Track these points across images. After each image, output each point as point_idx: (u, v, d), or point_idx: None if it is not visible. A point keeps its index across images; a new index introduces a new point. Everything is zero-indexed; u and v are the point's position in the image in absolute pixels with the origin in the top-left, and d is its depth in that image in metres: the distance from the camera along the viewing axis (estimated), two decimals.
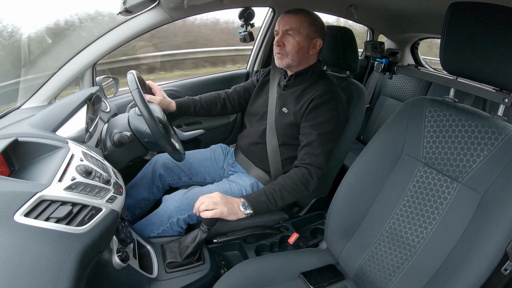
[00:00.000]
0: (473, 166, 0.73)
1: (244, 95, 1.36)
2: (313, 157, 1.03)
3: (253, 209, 0.94)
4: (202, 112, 1.32)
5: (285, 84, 1.19)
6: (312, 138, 1.05)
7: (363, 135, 2.27)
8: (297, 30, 1.07)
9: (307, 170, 1.02)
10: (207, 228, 0.92)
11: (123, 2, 1.09)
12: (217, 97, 1.34)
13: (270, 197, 0.97)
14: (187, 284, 0.91)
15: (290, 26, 1.07)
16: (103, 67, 1.74)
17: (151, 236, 1.08)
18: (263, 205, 0.96)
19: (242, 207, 0.93)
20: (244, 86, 1.38)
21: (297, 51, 1.09)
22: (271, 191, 0.98)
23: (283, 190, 0.98)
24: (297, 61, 1.12)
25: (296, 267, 0.90)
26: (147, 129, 0.93)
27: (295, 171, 1.03)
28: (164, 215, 1.08)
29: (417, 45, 2.22)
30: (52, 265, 0.49)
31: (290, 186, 0.99)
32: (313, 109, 1.07)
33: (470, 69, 0.73)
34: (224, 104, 1.35)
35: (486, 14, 0.66)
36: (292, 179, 1.01)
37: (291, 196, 1.00)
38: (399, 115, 0.90)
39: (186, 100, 1.29)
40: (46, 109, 0.90)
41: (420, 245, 0.78)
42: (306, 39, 1.09)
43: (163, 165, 1.28)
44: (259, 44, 1.78)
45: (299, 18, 1.07)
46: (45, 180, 0.62)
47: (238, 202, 0.94)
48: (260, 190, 0.99)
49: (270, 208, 0.97)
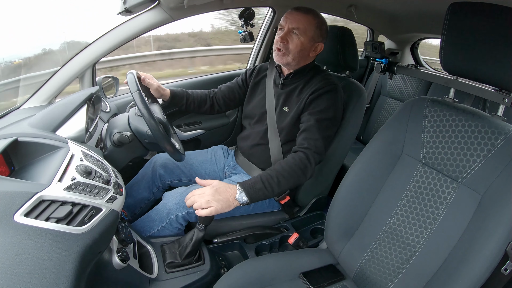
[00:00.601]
0: (473, 166, 0.73)
1: (229, 94, 1.35)
2: (312, 142, 1.02)
3: (248, 196, 0.90)
4: (192, 107, 1.30)
5: (282, 82, 1.19)
6: (310, 123, 1.05)
7: (363, 135, 2.27)
8: (303, 31, 1.06)
9: (305, 154, 1.00)
10: (203, 226, 0.91)
11: (123, 2, 1.09)
12: (207, 95, 1.33)
13: (267, 184, 0.93)
14: (187, 284, 0.91)
15: (297, 25, 1.06)
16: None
17: (151, 232, 1.08)
18: (260, 192, 0.92)
19: (238, 196, 0.90)
20: (229, 86, 1.36)
21: (299, 51, 1.09)
22: (267, 178, 0.94)
23: (280, 176, 0.95)
24: (297, 61, 1.12)
25: (296, 267, 0.90)
26: (147, 130, 0.93)
27: (292, 155, 1.01)
28: (163, 212, 1.08)
29: (417, 45, 2.22)
30: (52, 265, 0.49)
31: (287, 171, 0.97)
32: (313, 100, 1.08)
33: (470, 69, 0.73)
34: (212, 103, 1.34)
35: (486, 14, 0.66)
36: (289, 164, 0.98)
37: (288, 182, 0.96)
38: (399, 115, 0.90)
39: (181, 91, 1.28)
40: (46, 109, 0.90)
41: (420, 245, 0.78)
42: (310, 41, 1.09)
43: (163, 165, 1.27)
44: (259, 44, 1.78)
45: (308, 19, 1.07)
46: (45, 180, 0.62)
47: (233, 192, 0.90)
48: (256, 177, 0.95)
49: (266, 196, 0.94)
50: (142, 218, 1.13)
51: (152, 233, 1.09)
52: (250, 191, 0.91)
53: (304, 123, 1.07)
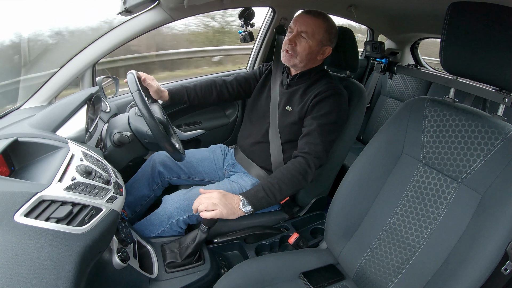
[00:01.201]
0: (473, 166, 0.73)
1: (244, 85, 1.35)
2: (312, 146, 1.02)
3: (252, 206, 0.92)
4: (197, 100, 1.29)
5: (288, 83, 1.19)
6: (312, 128, 1.04)
7: (363, 135, 2.27)
8: (312, 34, 1.07)
9: (305, 159, 1.01)
10: (207, 228, 0.92)
11: (123, 2, 1.09)
12: (213, 84, 1.32)
13: (269, 192, 0.94)
14: (187, 284, 0.91)
15: (306, 29, 1.07)
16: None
17: (151, 236, 1.08)
18: (263, 200, 0.94)
19: (242, 206, 0.91)
20: (245, 77, 1.36)
21: (306, 54, 1.09)
22: (269, 186, 0.95)
23: (281, 183, 0.96)
24: (305, 63, 1.12)
25: (296, 267, 0.90)
26: (148, 130, 0.93)
27: (292, 161, 1.02)
28: (164, 216, 1.08)
29: (417, 45, 2.21)
30: (52, 265, 0.49)
31: (287, 178, 0.97)
32: (316, 103, 1.07)
33: (470, 69, 0.73)
34: (221, 91, 1.32)
35: (486, 14, 0.66)
36: (289, 170, 0.99)
37: (289, 188, 0.98)
38: (399, 115, 0.90)
39: (179, 88, 1.26)
40: (46, 109, 0.90)
41: (420, 245, 0.78)
42: (318, 45, 1.09)
43: (162, 162, 1.28)
44: (259, 44, 1.77)
45: (317, 23, 1.07)
46: (45, 180, 0.62)
47: (237, 201, 0.92)
48: (258, 186, 0.96)
49: (269, 203, 0.95)
50: (141, 221, 1.13)
51: (152, 237, 1.08)
52: (254, 200, 0.92)
53: (307, 127, 1.07)
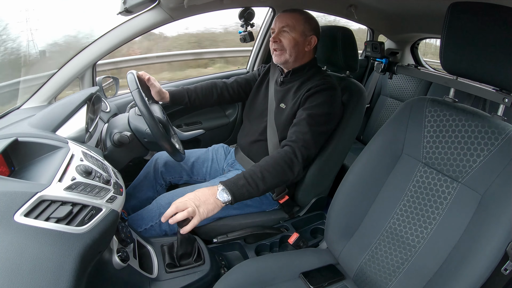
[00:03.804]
0: (473, 166, 0.73)
1: (245, 86, 1.36)
2: (300, 135, 1.00)
3: (231, 194, 0.85)
4: (198, 102, 1.29)
5: (281, 80, 1.20)
6: (302, 117, 1.04)
7: (363, 135, 2.28)
8: (293, 27, 1.10)
9: (291, 148, 0.98)
10: (186, 232, 0.82)
11: (123, 2, 1.09)
12: (214, 86, 1.33)
13: (250, 180, 0.87)
14: (187, 284, 0.91)
15: (285, 23, 1.10)
16: None
17: (139, 231, 1.07)
18: (243, 189, 0.86)
19: (219, 196, 0.84)
20: (246, 78, 1.38)
21: (293, 46, 1.11)
22: (251, 173, 0.89)
23: (264, 170, 0.90)
24: (294, 57, 1.13)
25: (296, 267, 0.90)
26: (147, 129, 0.93)
27: (278, 150, 0.99)
28: (156, 211, 1.07)
29: (417, 45, 2.21)
30: (52, 265, 0.48)
31: (271, 166, 0.92)
32: (308, 97, 1.08)
33: (470, 69, 0.73)
34: (221, 93, 1.33)
35: (486, 14, 0.66)
36: (274, 158, 0.94)
37: (273, 177, 0.91)
38: (399, 115, 0.90)
39: (180, 90, 1.27)
40: (46, 109, 0.90)
41: (420, 245, 0.78)
42: (301, 36, 1.12)
43: (164, 163, 1.28)
44: (259, 44, 1.78)
45: (294, 16, 1.11)
46: (45, 180, 0.62)
47: (213, 192, 0.85)
48: (239, 174, 0.89)
49: (251, 193, 0.88)
50: (132, 215, 1.13)
51: (140, 232, 1.07)
52: (233, 188, 0.85)
53: (296, 118, 1.07)
